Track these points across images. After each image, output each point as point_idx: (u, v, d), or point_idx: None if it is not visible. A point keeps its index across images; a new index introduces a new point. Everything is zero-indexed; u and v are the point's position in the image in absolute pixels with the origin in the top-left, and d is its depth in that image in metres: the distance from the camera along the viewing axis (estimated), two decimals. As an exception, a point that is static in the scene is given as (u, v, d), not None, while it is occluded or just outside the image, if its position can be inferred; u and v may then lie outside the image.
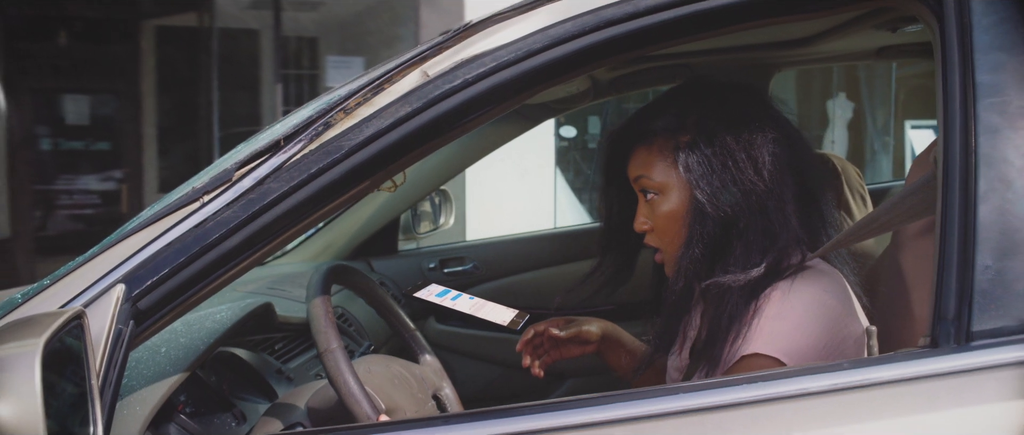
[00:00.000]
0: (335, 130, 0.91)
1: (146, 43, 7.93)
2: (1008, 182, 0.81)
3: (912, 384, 0.77)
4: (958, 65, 0.86)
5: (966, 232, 0.80)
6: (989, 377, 0.76)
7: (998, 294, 0.78)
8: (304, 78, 8.22)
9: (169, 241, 0.88)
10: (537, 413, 0.80)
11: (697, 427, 0.77)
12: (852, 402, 0.77)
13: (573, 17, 0.92)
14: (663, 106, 1.16)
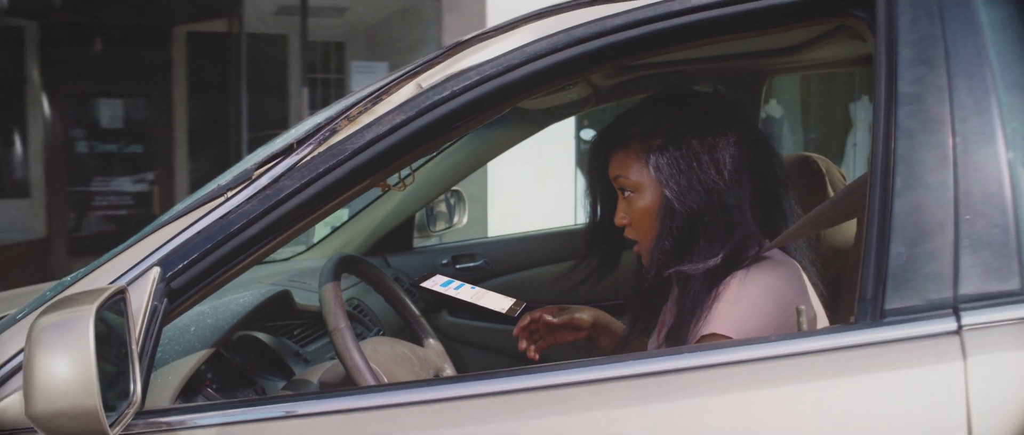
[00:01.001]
0: (340, 135, 1.05)
1: (178, 49, 8.16)
2: (921, 180, 0.93)
3: (831, 354, 0.89)
4: (885, 76, 0.99)
5: (884, 223, 0.93)
6: (899, 348, 0.88)
7: (908, 277, 0.90)
8: (330, 82, 8.42)
9: (198, 230, 1.02)
10: (508, 376, 0.94)
11: (647, 388, 0.90)
12: (781, 368, 0.89)
13: (548, 36, 1.06)
14: (639, 113, 1.30)
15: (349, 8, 7.57)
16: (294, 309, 1.67)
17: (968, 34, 0.99)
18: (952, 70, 0.97)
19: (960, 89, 0.96)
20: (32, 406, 0.81)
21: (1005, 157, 0.93)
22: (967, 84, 0.96)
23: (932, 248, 0.90)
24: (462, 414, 0.92)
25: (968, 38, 0.98)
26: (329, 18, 7.84)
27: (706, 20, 1.05)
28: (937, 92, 0.96)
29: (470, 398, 0.93)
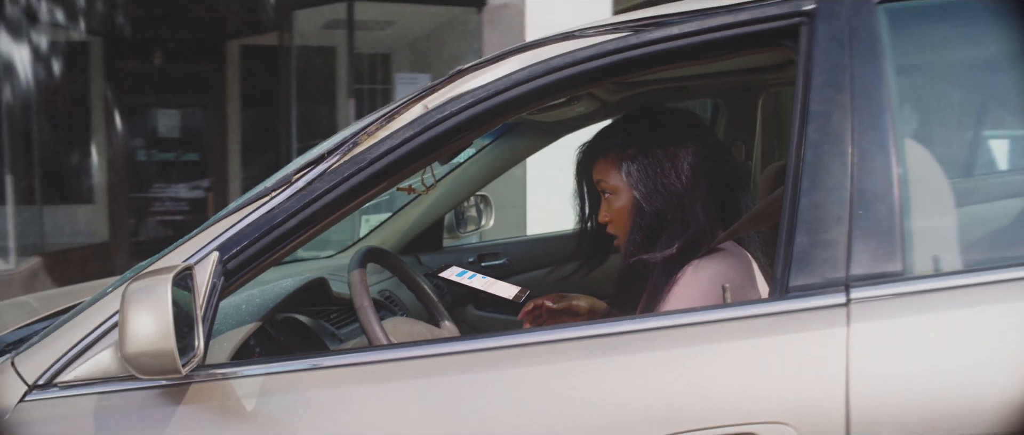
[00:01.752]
0: (361, 146, 1.31)
1: (231, 62, 8.58)
2: (823, 182, 1.15)
3: (746, 321, 1.12)
4: (801, 97, 1.21)
5: (792, 217, 1.15)
6: (797, 317, 1.10)
7: (809, 261, 1.12)
8: (377, 92, 8.76)
9: (248, 222, 1.29)
10: (485, 338, 1.18)
11: (594, 347, 1.14)
12: (705, 331, 1.12)
13: (529, 66, 1.30)
14: (616, 128, 1.54)
15: (394, 22, 7.89)
16: (330, 295, 1.93)
17: (871, 63, 1.21)
18: (855, 93, 1.19)
19: (860, 109, 1.18)
20: (126, 348, 1.08)
21: (895, 165, 1.15)
22: (867, 104, 1.18)
23: (830, 238, 1.13)
24: (451, 365, 1.17)
25: (870, 66, 1.20)
26: (375, 32, 8.17)
27: (659, 51, 1.29)
28: (841, 111, 1.18)
29: (457, 354, 1.18)
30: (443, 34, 7.78)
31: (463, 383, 1.15)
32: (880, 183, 1.14)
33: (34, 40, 6.23)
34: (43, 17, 6.68)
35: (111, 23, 7.10)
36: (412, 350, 1.20)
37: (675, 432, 1.06)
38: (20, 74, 4.71)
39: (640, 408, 1.09)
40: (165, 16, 7.18)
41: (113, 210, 8.29)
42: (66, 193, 8.03)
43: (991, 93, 1.32)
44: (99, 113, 8.00)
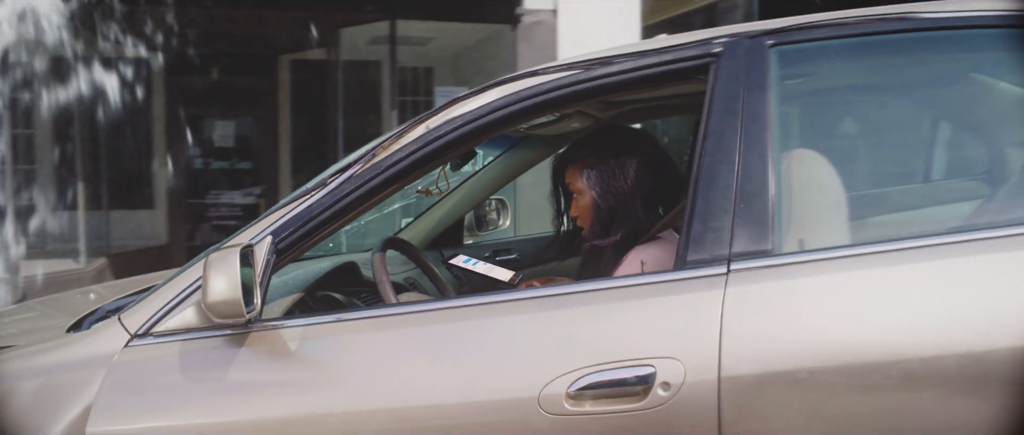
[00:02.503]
0: (379, 157, 1.75)
1: (282, 75, 9.15)
2: (715, 183, 1.55)
3: (651, 286, 1.52)
4: (705, 119, 1.62)
5: (692, 209, 1.56)
6: (689, 283, 1.50)
7: (702, 241, 1.53)
8: (420, 104, 9.25)
9: (294, 214, 1.73)
10: (461, 299, 1.61)
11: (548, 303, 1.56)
12: (619, 294, 1.53)
13: (505, 95, 1.73)
14: (582, 143, 1.96)
15: (435, 38, 8.37)
16: (360, 278, 2.37)
17: (759, 93, 1.61)
18: (744, 116, 1.59)
19: (747, 129, 1.58)
20: (207, 299, 1.53)
21: (771, 172, 1.55)
22: (753, 125, 1.58)
23: (718, 225, 1.53)
24: (435, 317, 1.60)
25: (759, 96, 1.61)
26: (417, 47, 8.67)
27: (603, 84, 1.70)
28: (732, 130, 1.59)
29: (439, 310, 1.61)
30: (481, 48, 8.24)
31: (444, 329, 1.58)
32: (758, 185, 1.54)
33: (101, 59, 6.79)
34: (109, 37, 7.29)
35: (171, 41, 7.66)
36: (409, 307, 1.63)
37: (599, 362, 1.47)
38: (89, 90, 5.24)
39: (575, 345, 1.50)
40: (221, 34, 7.72)
41: (172, 215, 8.89)
42: (129, 199, 8.65)
43: (850, 115, 1.71)
44: (160, 124, 8.60)
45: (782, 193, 1.56)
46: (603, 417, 1.46)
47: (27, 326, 2.30)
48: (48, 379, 1.76)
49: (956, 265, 1.43)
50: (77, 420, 1.69)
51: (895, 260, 1.46)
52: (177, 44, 6.89)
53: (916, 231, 1.53)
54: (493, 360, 1.53)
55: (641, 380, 1.44)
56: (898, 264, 1.45)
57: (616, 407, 1.45)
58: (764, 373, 1.42)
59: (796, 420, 1.41)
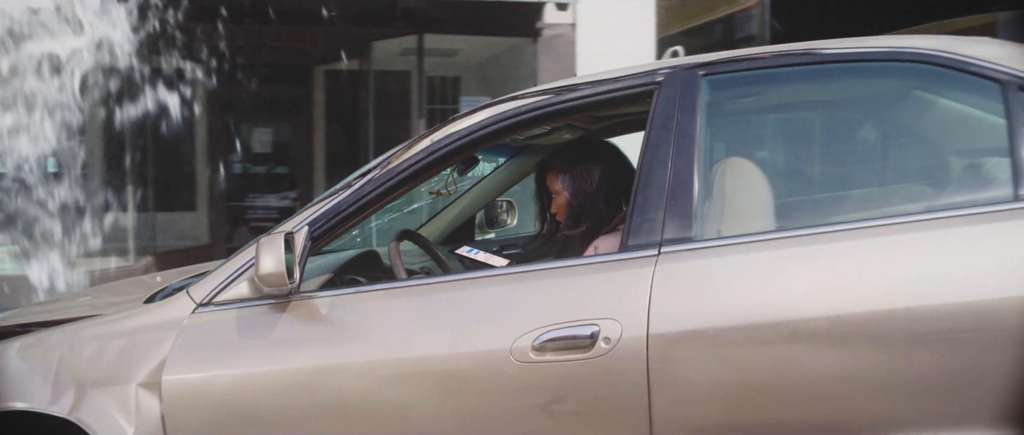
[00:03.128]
0: (392, 163, 2.22)
1: (317, 85, 9.71)
2: (651, 184, 2.00)
3: (605, 263, 1.98)
4: (646, 133, 2.07)
5: (634, 205, 2.01)
6: (630, 262, 1.95)
7: (640, 230, 1.97)
8: (448, 111, 9.76)
9: (325, 209, 2.21)
10: (456, 275, 2.08)
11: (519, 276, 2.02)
12: (582, 270, 1.99)
13: (492, 115, 2.19)
14: (559, 153, 2.42)
15: (462, 49, 8.87)
16: (381, 264, 2.85)
17: (689, 113, 2.05)
18: (677, 132, 2.04)
19: (678, 141, 2.03)
20: (259, 271, 2.01)
21: (697, 177, 1.99)
22: (683, 139, 2.03)
23: (653, 217, 1.98)
24: (434, 288, 2.07)
25: (689, 115, 2.05)
26: (446, 57, 9.17)
27: (569, 107, 2.17)
28: (666, 143, 2.03)
29: (437, 284, 2.08)
30: (505, 59, 8.71)
31: (439, 298, 2.06)
32: (685, 186, 1.99)
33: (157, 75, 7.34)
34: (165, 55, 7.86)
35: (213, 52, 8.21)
36: (413, 281, 2.11)
37: (557, 321, 1.92)
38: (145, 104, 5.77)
39: (539, 309, 1.96)
40: (259, 46, 8.27)
41: (212, 217, 9.47)
42: (174, 202, 9.24)
43: (765, 131, 2.15)
44: (203, 132, 9.19)
45: (712, 192, 2.00)
46: (559, 364, 1.91)
47: (106, 302, 2.80)
48: (132, 338, 2.26)
49: (831, 248, 1.87)
50: (155, 370, 2.18)
51: (786, 245, 1.90)
52: (220, 58, 7.42)
53: (807, 222, 1.97)
54: (475, 321, 2.00)
55: (589, 336, 1.90)
56: (788, 248, 1.89)
57: (569, 356, 1.91)
58: (682, 330, 1.86)
59: (705, 367, 1.85)
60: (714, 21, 8.48)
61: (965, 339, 1.75)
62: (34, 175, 4.73)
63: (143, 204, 7.98)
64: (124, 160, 7.53)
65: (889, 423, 1.79)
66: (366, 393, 2.04)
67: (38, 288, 4.92)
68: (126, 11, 4.61)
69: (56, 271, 4.86)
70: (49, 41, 4.35)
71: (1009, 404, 1.73)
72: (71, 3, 4.35)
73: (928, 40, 2.03)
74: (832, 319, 1.81)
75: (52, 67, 4.46)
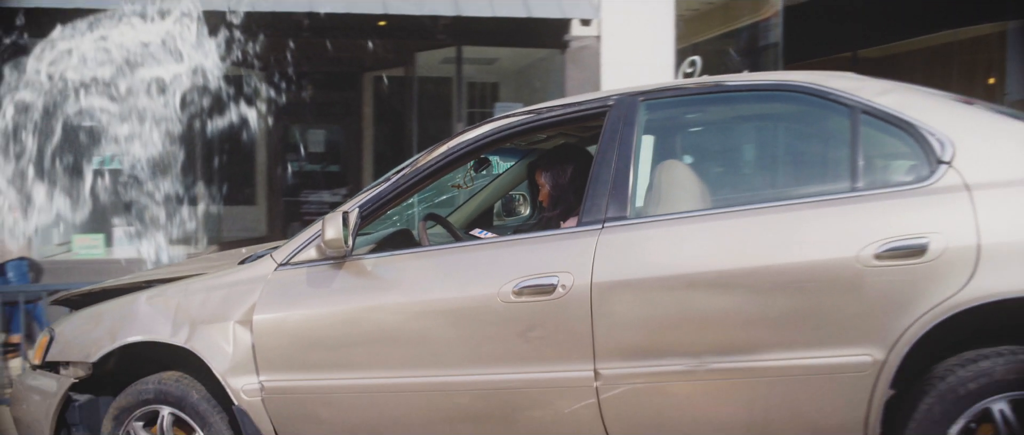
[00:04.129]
0: (420, 162, 3.11)
1: (366, 90, 10.67)
2: (599, 180, 2.85)
3: (564, 235, 2.83)
4: (599, 142, 2.92)
5: (587, 193, 2.86)
6: (579, 233, 2.80)
7: (590, 210, 2.83)
8: (486, 114, 10.64)
9: (370, 196, 3.10)
10: (460, 243, 2.96)
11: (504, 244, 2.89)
12: (545, 239, 2.85)
13: (493, 128, 3.07)
14: (543, 155, 3.28)
15: (498, 59, 9.74)
16: (412, 238, 3.73)
17: (630, 127, 2.90)
18: (619, 142, 2.89)
19: (620, 149, 2.88)
20: (324, 238, 2.90)
21: (631, 173, 2.84)
22: (623, 148, 2.88)
23: (599, 202, 2.83)
24: (447, 252, 2.96)
25: (629, 129, 2.90)
26: (485, 65, 10.05)
27: (547, 123, 3.04)
28: (611, 149, 2.88)
29: (449, 249, 2.96)
30: (539, 67, 9.57)
31: (450, 259, 2.96)
32: (623, 181, 2.83)
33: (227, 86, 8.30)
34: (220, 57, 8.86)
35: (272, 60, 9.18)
36: (433, 248, 3.00)
37: (529, 274, 2.78)
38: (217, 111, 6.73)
39: (518, 266, 2.82)
40: (314, 55, 9.19)
41: (271, 211, 10.48)
42: (237, 197, 10.27)
43: (685, 140, 2.99)
44: (262, 133, 10.20)
45: (651, 184, 2.85)
46: (531, 304, 2.77)
47: (204, 267, 3.73)
48: (231, 289, 3.18)
49: (721, 224, 2.70)
50: (247, 311, 3.09)
51: (691, 221, 2.74)
52: (282, 68, 8.35)
53: (708, 205, 2.82)
54: (473, 275, 2.88)
55: (551, 284, 2.76)
56: (692, 223, 2.73)
57: (538, 299, 2.77)
58: (615, 280, 2.71)
59: (631, 306, 2.69)
60: (730, 33, 9.22)
61: (806, 287, 2.57)
62: (144, 173, 5.83)
63: (210, 199, 8.98)
64: (202, 161, 8.53)
65: (758, 346, 2.62)
66: (397, 325, 2.93)
67: (147, 261, 6.00)
68: (215, 43, 5.66)
69: (161, 248, 5.94)
70: (156, 67, 5.45)
71: (835, 332, 2.55)
72: (173, 38, 5.43)
73: (802, 75, 2.86)
74: (718, 272, 2.64)
75: (158, 88, 5.55)
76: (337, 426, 3.04)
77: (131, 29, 5.53)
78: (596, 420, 2.75)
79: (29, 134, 5.50)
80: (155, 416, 3.29)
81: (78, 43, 5.52)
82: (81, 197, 5.89)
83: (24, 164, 5.59)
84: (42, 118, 5.49)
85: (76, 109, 5.57)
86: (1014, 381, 2.48)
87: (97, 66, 5.46)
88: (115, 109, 5.56)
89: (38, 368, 3.60)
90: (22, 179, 5.65)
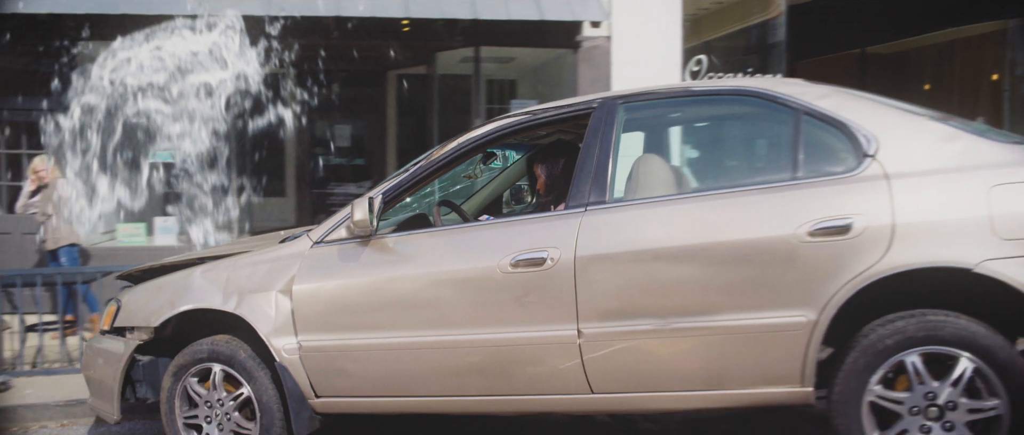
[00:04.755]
0: (434, 156, 3.68)
1: (390, 87, 11.25)
2: (583, 171, 3.41)
3: (553, 216, 3.39)
4: (586, 139, 3.48)
5: (574, 181, 3.42)
6: (567, 215, 3.36)
7: (575, 196, 3.38)
8: (504, 109, 11.19)
9: (392, 184, 3.68)
10: (469, 223, 3.53)
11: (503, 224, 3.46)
12: (534, 220, 3.41)
13: (495, 126, 3.64)
14: (540, 150, 3.84)
15: (515, 58, 10.29)
16: (428, 221, 4.30)
17: (609, 126, 3.46)
18: (600, 139, 3.44)
19: (601, 144, 3.43)
20: (352, 219, 3.48)
21: (610, 165, 3.39)
22: (603, 143, 3.43)
23: (584, 188, 3.39)
24: (457, 230, 3.53)
25: (609, 128, 3.45)
26: (502, 64, 10.59)
27: (542, 121, 3.61)
28: (594, 144, 3.43)
29: (459, 227, 3.53)
30: (553, 66, 10.11)
31: (459, 237, 3.53)
32: (602, 170, 3.39)
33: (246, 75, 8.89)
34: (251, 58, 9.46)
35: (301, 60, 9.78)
36: (444, 227, 3.57)
37: (524, 249, 3.34)
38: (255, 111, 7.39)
39: (515, 242, 3.38)
40: (340, 55, 9.77)
41: (299, 202, 11.10)
42: (268, 189, 10.89)
43: (658, 137, 3.55)
44: (292, 128, 10.79)
45: (629, 175, 3.40)
46: (526, 273, 3.34)
47: (247, 247, 4.32)
48: (274, 264, 3.77)
49: (683, 206, 3.25)
50: (288, 282, 3.69)
51: (659, 204, 3.29)
52: (312, 67, 8.92)
53: (675, 191, 3.36)
54: (478, 250, 3.45)
55: (541, 257, 3.32)
56: (659, 206, 3.29)
57: (531, 270, 3.33)
58: (594, 254, 3.27)
59: (607, 275, 3.25)
60: (736, 32, 9.70)
61: (752, 259, 3.11)
62: (193, 167, 6.55)
63: (241, 190, 9.61)
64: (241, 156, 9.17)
65: (712, 308, 3.16)
66: (414, 292, 3.50)
67: (195, 243, 6.71)
68: (255, 52, 6.35)
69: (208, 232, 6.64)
70: (204, 74, 6.17)
71: (776, 297, 3.08)
72: (219, 48, 6.13)
73: (756, 81, 3.40)
74: (680, 247, 3.19)
75: (206, 91, 6.26)
76: (362, 379, 3.62)
77: (182, 40, 6.28)
78: (579, 372, 3.31)
79: (93, 132, 6.24)
80: (208, 372, 3.88)
81: (136, 52, 6.30)
82: (138, 188, 6.63)
83: (89, 159, 6.33)
84: (104, 118, 6.23)
85: (134, 110, 6.32)
86: (923, 338, 3.00)
87: (153, 72, 6.22)
88: (168, 110, 6.29)
89: (106, 333, 4.21)
90: (87, 172, 6.39)
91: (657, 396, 3.30)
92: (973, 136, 3.14)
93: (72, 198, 6.84)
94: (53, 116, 6.70)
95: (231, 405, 3.84)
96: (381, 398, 3.64)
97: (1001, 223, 2.92)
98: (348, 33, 8.11)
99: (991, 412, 2.95)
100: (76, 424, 5.18)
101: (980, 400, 2.96)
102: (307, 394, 3.71)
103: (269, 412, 3.77)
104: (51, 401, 5.29)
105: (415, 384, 3.57)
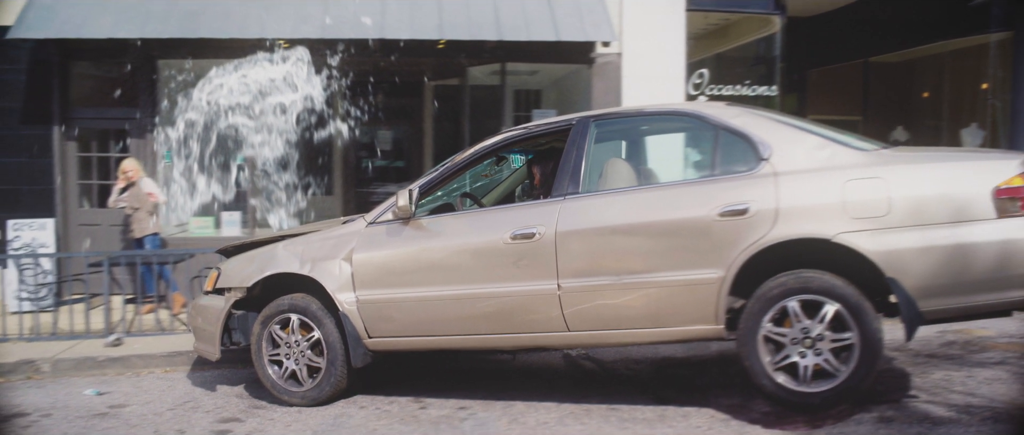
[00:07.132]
0: (458, 158, 5.06)
1: (427, 96, 12.58)
2: (564, 171, 4.76)
3: (542, 202, 4.74)
4: (565, 147, 4.83)
5: (556, 177, 4.77)
6: (550, 203, 4.70)
7: (556, 189, 4.73)
8: (530, 117, 12.49)
9: (426, 179, 5.07)
10: (485, 208, 4.91)
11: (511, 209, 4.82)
12: (530, 206, 4.77)
13: (502, 137, 5.01)
14: (537, 154, 5.19)
15: (539, 71, 11.60)
16: (453, 208, 5.65)
17: (583, 139, 4.80)
18: (576, 147, 4.79)
19: (577, 152, 4.78)
20: (397, 205, 4.86)
21: (583, 167, 4.73)
22: (578, 151, 4.78)
23: (562, 183, 4.74)
24: (477, 213, 4.91)
25: (582, 141, 4.80)
26: (527, 76, 11.91)
27: (535, 134, 4.97)
28: (571, 153, 4.78)
29: (478, 210, 4.91)
30: (572, 79, 11.40)
31: (477, 219, 4.93)
32: (575, 169, 4.74)
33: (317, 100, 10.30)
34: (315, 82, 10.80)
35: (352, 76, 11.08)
36: (466, 211, 4.96)
37: (520, 227, 4.69)
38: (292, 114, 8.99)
39: (512, 223, 4.74)
40: (384, 68, 11.10)
41: (345, 201, 12.44)
42: (318, 187, 12.29)
43: (618, 148, 4.89)
44: (339, 133, 12.22)
45: (599, 174, 4.74)
46: (521, 244, 4.69)
47: (316, 227, 5.71)
48: (338, 239, 5.19)
49: (635, 195, 4.59)
50: (349, 253, 5.11)
51: (617, 194, 4.63)
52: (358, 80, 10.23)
53: (631, 184, 4.70)
54: (487, 228, 4.82)
55: (532, 233, 4.67)
56: (617, 195, 4.63)
57: (524, 241, 4.69)
58: (570, 230, 4.62)
59: (579, 245, 4.60)
60: (736, 48, 10.93)
61: (680, 233, 4.43)
62: (271, 169, 8.18)
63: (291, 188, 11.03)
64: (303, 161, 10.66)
65: (652, 268, 4.49)
66: (441, 259, 4.89)
67: (274, 227, 8.32)
68: (320, 80, 7.97)
69: (283, 219, 8.25)
70: (279, 96, 7.82)
71: (697, 260, 4.40)
72: (292, 75, 7.75)
73: (690, 104, 4.73)
74: (630, 224, 4.53)
75: (281, 110, 7.88)
76: (404, 323, 5.00)
77: (263, 69, 7.98)
78: (559, 315, 4.65)
79: (194, 142, 7.91)
80: (288, 321, 5.29)
81: (227, 79, 8.02)
82: (228, 186, 8.26)
83: (191, 163, 8.00)
84: (202, 131, 7.89)
85: (225, 125, 7.99)
86: (799, 288, 4.30)
87: (239, 95, 7.90)
88: (251, 124, 7.94)
89: (209, 293, 5.65)
90: (190, 173, 8.08)
91: (615, 333, 4.63)
92: (838, 145, 4.43)
93: (162, 194, 8.62)
94: (162, 128, 8.51)
95: (305, 345, 5.24)
96: (416, 338, 5.02)
97: (851, 207, 4.20)
98: (391, 52, 9.50)
99: (847, 341, 4.23)
100: (176, 371, 6.64)
101: (840, 333, 4.24)
102: (362, 335, 5.09)
103: (334, 349, 5.16)
104: (157, 352, 6.77)
105: (440, 326, 4.94)
